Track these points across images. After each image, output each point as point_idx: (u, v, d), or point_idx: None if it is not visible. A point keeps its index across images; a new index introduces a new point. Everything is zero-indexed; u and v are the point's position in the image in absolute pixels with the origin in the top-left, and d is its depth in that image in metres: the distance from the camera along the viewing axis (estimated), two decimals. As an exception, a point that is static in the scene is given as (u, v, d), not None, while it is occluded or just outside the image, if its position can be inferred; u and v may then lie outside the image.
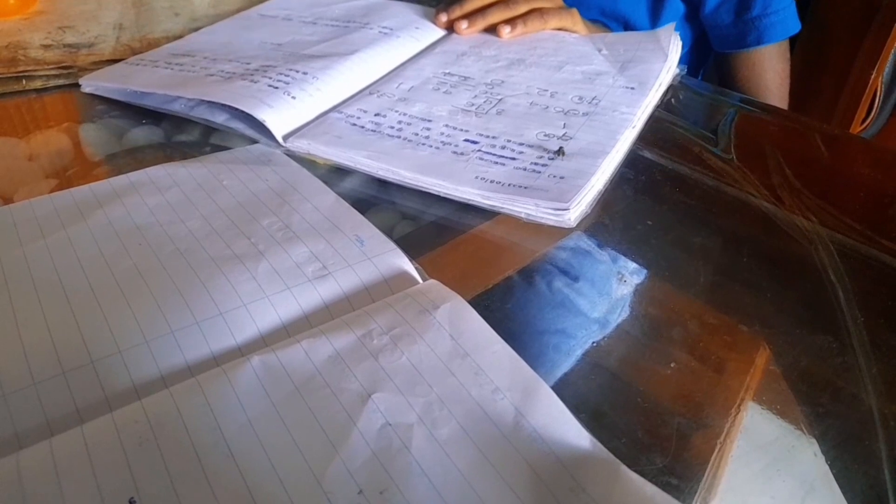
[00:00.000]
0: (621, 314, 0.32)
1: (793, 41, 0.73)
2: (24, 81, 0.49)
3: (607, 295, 0.33)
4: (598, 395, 0.28)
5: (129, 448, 0.22)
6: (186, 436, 0.23)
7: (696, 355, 0.30)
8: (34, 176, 0.40)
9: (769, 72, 0.73)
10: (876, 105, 0.93)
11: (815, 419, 0.28)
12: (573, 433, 0.24)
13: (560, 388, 0.26)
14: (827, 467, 0.26)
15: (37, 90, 0.49)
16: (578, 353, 0.30)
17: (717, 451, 0.26)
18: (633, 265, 0.35)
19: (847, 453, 0.26)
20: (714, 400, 0.28)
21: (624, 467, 0.23)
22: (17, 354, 0.26)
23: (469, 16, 0.59)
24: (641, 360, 0.30)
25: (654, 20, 0.74)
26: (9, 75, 0.49)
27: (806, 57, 0.89)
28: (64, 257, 0.31)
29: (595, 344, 0.30)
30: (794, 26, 0.71)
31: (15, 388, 0.24)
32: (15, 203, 0.35)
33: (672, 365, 0.29)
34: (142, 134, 0.45)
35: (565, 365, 0.29)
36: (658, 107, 0.50)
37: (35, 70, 0.50)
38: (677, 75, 0.54)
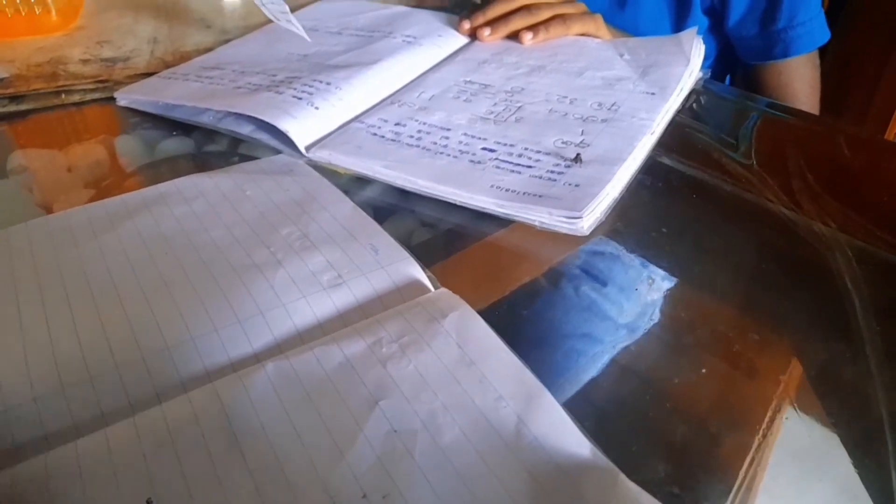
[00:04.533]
0: (636, 322, 0.32)
1: (823, 46, 0.72)
2: (63, 95, 0.51)
3: (620, 303, 0.33)
4: (613, 403, 0.28)
5: (149, 451, 0.23)
6: (202, 439, 0.24)
7: (710, 363, 0.30)
8: (73, 186, 0.42)
9: (797, 81, 0.72)
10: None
11: (831, 426, 0.28)
12: (574, 441, 0.24)
13: (571, 397, 0.27)
14: (854, 474, 0.26)
15: (75, 104, 0.51)
16: (592, 361, 0.30)
17: (748, 459, 0.26)
18: (647, 273, 0.36)
19: (869, 457, 0.26)
20: (732, 407, 0.28)
21: (622, 476, 0.23)
22: (47, 358, 0.27)
23: (492, 23, 0.60)
24: (658, 368, 0.30)
25: None
26: (49, 90, 0.51)
27: (836, 62, 0.87)
28: (94, 266, 0.33)
29: (610, 353, 0.31)
30: (823, 36, 0.70)
31: (45, 392, 0.26)
32: (52, 214, 0.37)
33: (687, 373, 0.29)
34: (173, 145, 0.47)
35: (578, 373, 0.30)
36: (679, 112, 0.49)
37: (74, 84, 0.52)
38: (700, 79, 0.54)
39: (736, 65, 0.81)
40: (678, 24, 0.73)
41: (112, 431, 0.24)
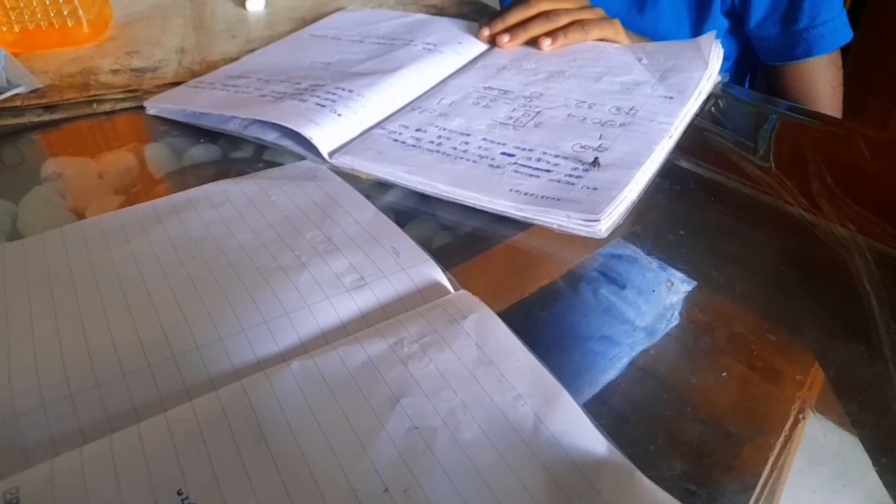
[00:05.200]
0: (654, 325, 0.33)
1: (845, 46, 0.71)
2: (94, 105, 0.53)
3: (639, 306, 0.34)
4: (631, 405, 0.28)
5: (179, 444, 0.24)
6: (230, 434, 0.25)
7: (729, 366, 0.30)
8: (104, 192, 0.44)
9: (820, 82, 0.71)
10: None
11: (852, 429, 0.28)
12: (591, 439, 0.25)
13: (590, 399, 0.27)
14: (877, 479, 0.26)
15: (106, 113, 0.53)
16: (611, 363, 0.31)
17: (769, 462, 0.26)
18: (665, 276, 0.36)
19: (892, 460, 0.26)
20: (751, 410, 0.28)
21: (639, 473, 0.24)
22: (82, 356, 0.28)
23: (511, 29, 0.60)
24: (676, 371, 0.30)
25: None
26: (81, 99, 0.53)
27: (856, 64, 0.87)
28: (126, 268, 0.34)
29: (628, 355, 0.31)
30: (845, 36, 0.69)
31: (81, 389, 0.27)
32: (85, 220, 0.39)
33: (706, 376, 0.30)
34: (200, 152, 0.49)
35: (597, 375, 0.30)
36: (698, 115, 0.50)
37: (104, 94, 0.54)
38: (719, 83, 0.54)
39: (756, 66, 0.81)
40: (698, 27, 0.73)
41: (144, 426, 0.25)
